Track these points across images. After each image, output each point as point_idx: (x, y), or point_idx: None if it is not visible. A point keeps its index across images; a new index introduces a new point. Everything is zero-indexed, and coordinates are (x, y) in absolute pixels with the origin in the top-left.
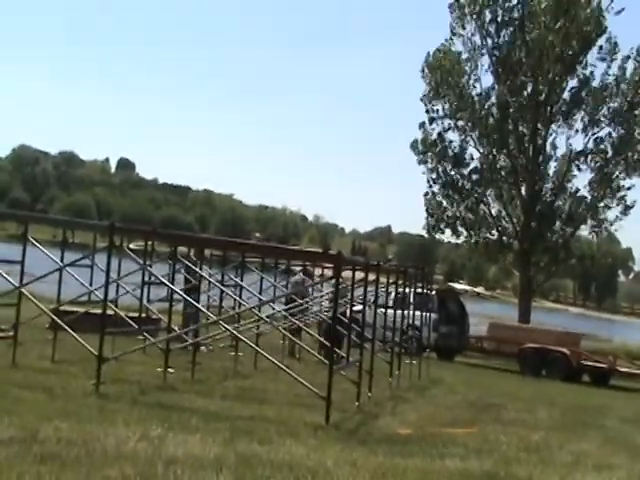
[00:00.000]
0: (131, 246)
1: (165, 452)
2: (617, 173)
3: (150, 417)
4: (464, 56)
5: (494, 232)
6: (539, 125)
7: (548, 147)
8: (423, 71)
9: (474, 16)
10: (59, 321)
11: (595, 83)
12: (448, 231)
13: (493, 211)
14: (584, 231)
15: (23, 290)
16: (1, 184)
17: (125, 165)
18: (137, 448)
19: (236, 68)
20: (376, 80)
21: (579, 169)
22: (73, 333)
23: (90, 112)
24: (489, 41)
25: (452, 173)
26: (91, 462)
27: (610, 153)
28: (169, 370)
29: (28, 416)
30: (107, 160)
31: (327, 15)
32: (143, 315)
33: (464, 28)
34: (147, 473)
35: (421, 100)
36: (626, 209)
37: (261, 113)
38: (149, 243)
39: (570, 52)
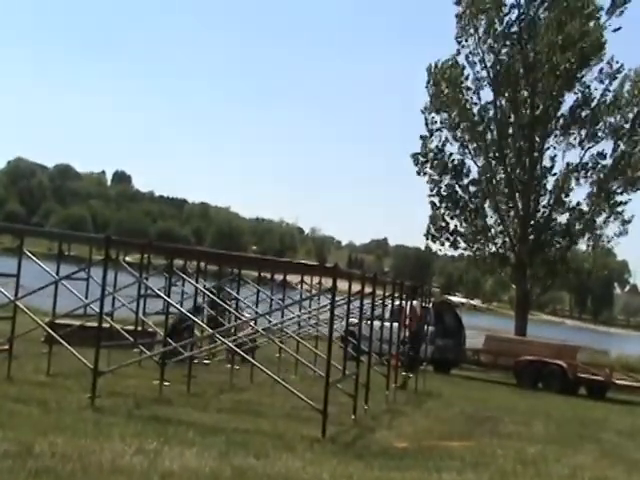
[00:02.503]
0: (127, 259)
1: (161, 466)
2: (615, 188)
3: (146, 431)
4: (467, 69)
5: (491, 245)
6: (537, 139)
7: (546, 161)
8: (428, 81)
9: (475, 29)
10: (54, 334)
11: (594, 99)
12: (447, 244)
13: (490, 223)
14: (581, 244)
15: (18, 303)
16: None
17: (121, 178)
18: (133, 462)
19: (231, 80)
20: (374, 92)
21: (578, 183)
22: (68, 346)
23: (87, 125)
24: (489, 55)
25: (451, 185)
26: (86, 476)
27: (609, 168)
28: (165, 383)
29: (23, 430)
30: (103, 173)
31: (324, 22)
32: (139, 328)
33: (467, 40)
34: None
35: (422, 111)
36: (623, 224)
37: (257, 125)
38: (145, 256)
39: (568, 68)
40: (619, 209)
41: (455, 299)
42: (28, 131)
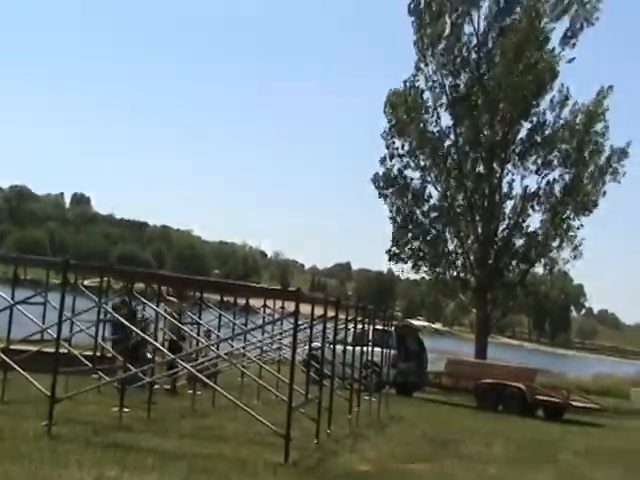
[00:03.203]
0: (86, 283)
1: None
2: (567, 214)
3: (105, 458)
4: (426, 94)
5: (452, 269)
6: (495, 165)
7: (504, 187)
8: (385, 107)
9: (434, 55)
10: (9, 360)
11: (548, 127)
12: (409, 263)
13: (451, 248)
14: (539, 268)
15: None
16: None
17: (80, 200)
18: None
19: (191, 101)
20: (336, 117)
21: (533, 209)
22: (23, 372)
23: (44, 145)
24: (448, 81)
25: (412, 209)
26: None
27: (560, 194)
28: (124, 409)
29: None
30: (61, 195)
31: (289, 48)
32: (98, 353)
33: (427, 65)
34: None
35: (382, 137)
36: (575, 249)
37: (219, 147)
38: (104, 279)
39: (525, 95)
40: (571, 233)
41: (417, 323)
42: None
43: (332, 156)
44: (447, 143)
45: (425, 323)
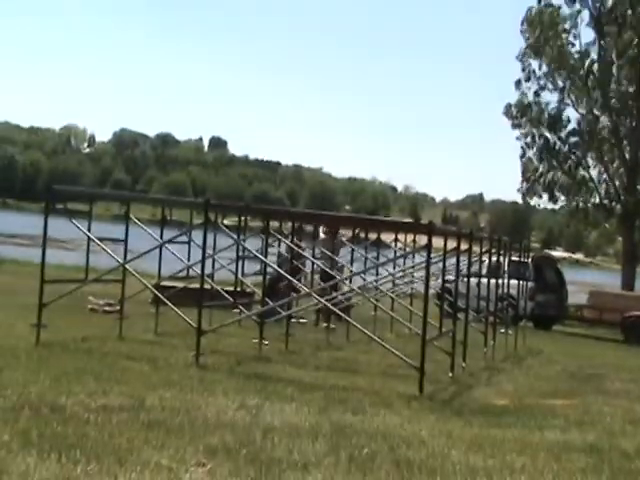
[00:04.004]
0: (225, 222)
1: (262, 421)
2: None
3: (247, 387)
4: (564, 10)
5: (594, 196)
6: None
7: None
8: (522, 26)
9: None
10: (161, 296)
11: None
12: (545, 196)
13: (593, 174)
14: None
15: (127, 266)
16: (105, 167)
17: (217, 143)
18: (236, 417)
19: (321, 40)
20: (468, 43)
21: None
22: (174, 307)
23: (184, 92)
24: None
25: (548, 136)
26: (193, 429)
27: None
28: (264, 342)
29: (135, 385)
30: (200, 139)
31: None
32: (238, 289)
33: None
34: (246, 440)
35: (517, 58)
36: None
37: (346, 85)
38: (242, 218)
39: None
40: None
41: (556, 253)
42: (130, 103)
43: (461, 82)
44: (588, 62)
45: (565, 254)
